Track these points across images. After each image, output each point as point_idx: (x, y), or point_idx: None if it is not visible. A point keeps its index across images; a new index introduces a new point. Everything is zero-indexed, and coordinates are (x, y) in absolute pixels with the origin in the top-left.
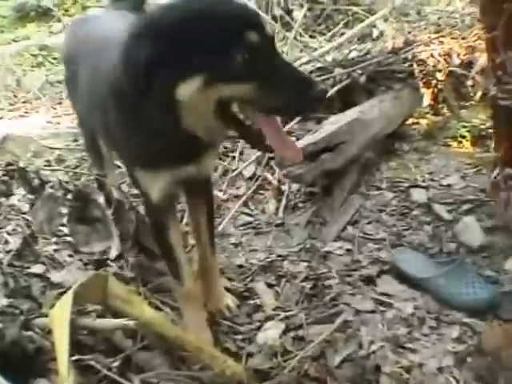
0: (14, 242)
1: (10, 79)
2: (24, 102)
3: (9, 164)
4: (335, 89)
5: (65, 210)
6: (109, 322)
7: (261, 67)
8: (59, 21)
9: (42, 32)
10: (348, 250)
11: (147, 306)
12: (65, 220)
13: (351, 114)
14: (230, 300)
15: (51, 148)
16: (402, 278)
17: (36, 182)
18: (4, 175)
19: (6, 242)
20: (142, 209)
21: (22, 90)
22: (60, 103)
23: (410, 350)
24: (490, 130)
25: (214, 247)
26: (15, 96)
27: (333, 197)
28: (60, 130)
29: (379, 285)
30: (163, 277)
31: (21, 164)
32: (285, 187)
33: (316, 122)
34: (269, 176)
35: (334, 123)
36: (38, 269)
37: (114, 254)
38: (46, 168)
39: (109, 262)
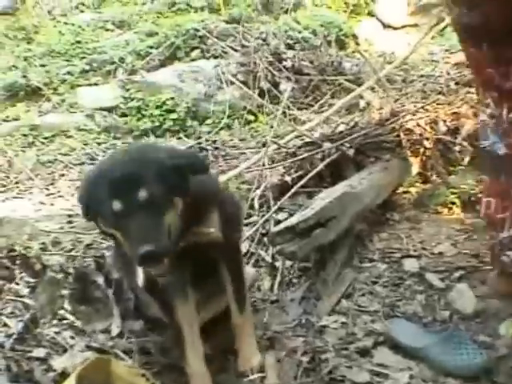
0: (16, 326)
1: (2, 160)
2: (16, 183)
3: (11, 250)
4: (324, 163)
5: (65, 292)
6: None
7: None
8: (48, 100)
9: (31, 111)
10: (343, 323)
11: None
12: (66, 302)
13: (341, 187)
14: (269, 369)
15: (46, 231)
16: (397, 348)
17: (37, 266)
18: (6, 261)
19: (6, 325)
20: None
21: (14, 171)
22: (52, 183)
23: None
24: (480, 195)
25: (242, 305)
26: (7, 177)
27: (326, 271)
28: (54, 212)
29: (375, 356)
30: (165, 358)
31: (18, 248)
32: (279, 264)
33: (307, 196)
34: (262, 253)
35: (324, 198)
36: (39, 353)
37: (115, 331)
38: (46, 253)
39: (110, 343)
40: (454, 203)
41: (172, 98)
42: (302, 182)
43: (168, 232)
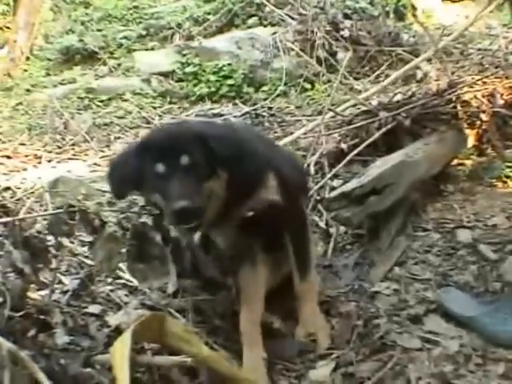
0: (71, 283)
1: (58, 122)
2: (72, 145)
3: (70, 206)
4: (380, 132)
5: (123, 250)
6: (167, 359)
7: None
8: (105, 64)
9: (88, 75)
10: (395, 290)
11: (204, 344)
12: (123, 259)
13: (397, 156)
14: (321, 330)
15: (102, 191)
16: (448, 316)
17: (96, 222)
18: (65, 216)
19: (61, 282)
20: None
21: (70, 133)
22: (108, 146)
23: None
24: None
25: (304, 272)
26: (63, 139)
27: (380, 239)
28: None
29: (426, 323)
30: (218, 317)
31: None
32: (333, 230)
33: (362, 164)
34: (317, 219)
35: (379, 166)
36: (95, 309)
37: (171, 289)
38: (105, 209)
39: (165, 301)
40: (508, 177)
41: (229, 65)
42: (357, 150)
43: (208, 198)
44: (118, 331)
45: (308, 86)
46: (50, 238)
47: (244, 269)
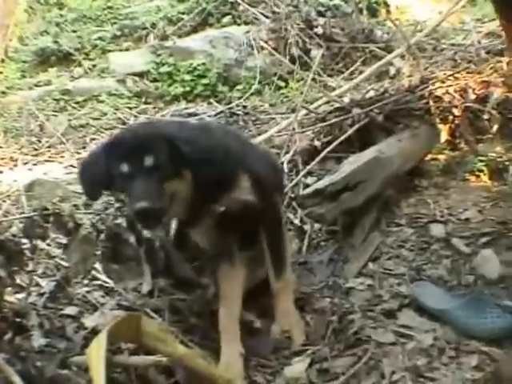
0: (48, 285)
1: (34, 124)
2: (48, 147)
3: (44, 209)
4: (353, 128)
5: (97, 251)
6: (143, 359)
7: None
8: (80, 65)
9: (63, 76)
10: (369, 286)
11: (179, 343)
12: (98, 261)
13: (370, 153)
14: (295, 327)
15: (78, 193)
16: (422, 310)
17: (70, 224)
18: (39, 219)
19: (38, 285)
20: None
21: (46, 135)
22: (84, 147)
23: (430, 380)
24: (507, 163)
25: (280, 271)
26: (39, 141)
27: (354, 235)
28: None
29: (400, 318)
30: (194, 316)
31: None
32: (307, 227)
33: (336, 161)
34: (291, 216)
35: (353, 163)
36: (71, 311)
37: (146, 289)
38: (79, 211)
39: (141, 301)
40: (481, 171)
41: (203, 64)
42: (330, 147)
43: (171, 198)
44: (94, 332)
45: (282, 83)
46: (25, 241)
47: (223, 267)
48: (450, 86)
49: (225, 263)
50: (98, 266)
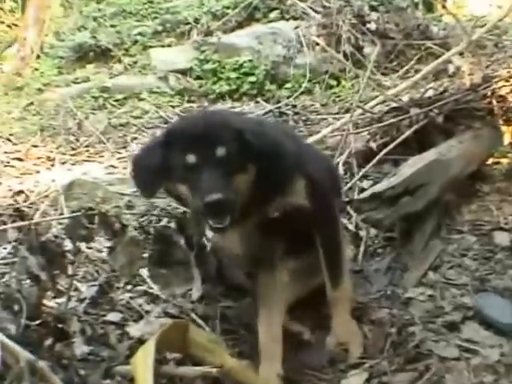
0: (88, 290)
1: (72, 123)
2: (87, 147)
3: (89, 209)
4: (412, 129)
5: (145, 254)
6: (191, 370)
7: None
8: (119, 61)
9: (101, 73)
10: (430, 296)
11: (228, 354)
12: (144, 265)
13: (429, 155)
14: (353, 339)
15: (120, 194)
16: (487, 323)
17: (117, 226)
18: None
19: (77, 290)
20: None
21: (84, 134)
22: (124, 147)
23: None
24: None
25: (336, 280)
26: (77, 140)
27: (413, 242)
28: (127, 176)
29: (463, 331)
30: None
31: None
32: (363, 233)
33: (393, 164)
34: (345, 222)
35: (411, 166)
36: (114, 317)
37: (195, 295)
38: (125, 212)
39: (189, 308)
40: None
41: (250, 61)
42: (387, 149)
43: (237, 193)
44: (139, 341)
45: (333, 82)
46: (66, 243)
47: (262, 275)
48: None
49: (264, 271)
50: (142, 271)
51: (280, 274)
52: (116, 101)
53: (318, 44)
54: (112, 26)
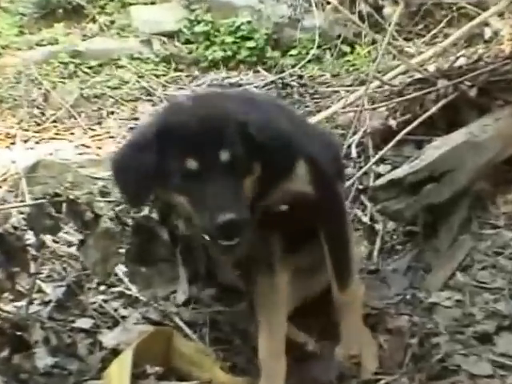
0: (55, 291)
1: (36, 93)
2: (54, 122)
3: (55, 195)
4: (439, 105)
5: (122, 249)
6: None
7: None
8: (94, 21)
9: (72, 35)
10: (458, 302)
11: (219, 368)
12: (120, 262)
13: (459, 135)
14: (366, 350)
15: (93, 178)
16: None
17: (88, 215)
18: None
19: (41, 291)
20: None
21: (51, 107)
22: (99, 123)
23: None
24: None
25: (345, 281)
26: (43, 114)
27: (438, 237)
28: (101, 157)
29: (497, 343)
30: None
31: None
32: (379, 226)
33: (415, 146)
34: (359, 213)
35: (438, 147)
36: (84, 323)
37: (181, 298)
38: (100, 199)
39: (173, 313)
40: None
41: (249, 22)
42: (409, 128)
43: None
44: (114, 352)
45: (347, 49)
46: (28, 235)
47: (261, 278)
48: None
49: (262, 273)
50: (118, 268)
51: (280, 275)
52: (89, 68)
53: (329, 3)
54: None
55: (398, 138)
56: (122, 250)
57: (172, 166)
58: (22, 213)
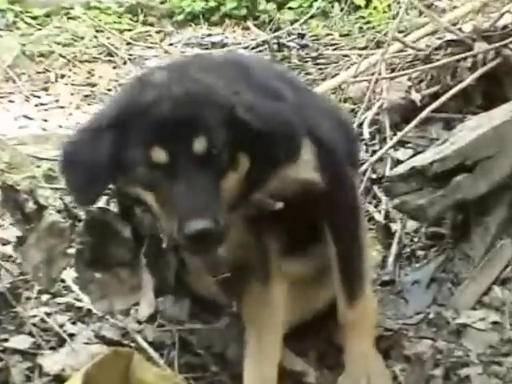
0: None
1: None
2: None
3: None
4: (475, 74)
5: (71, 249)
6: None
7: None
8: None
9: None
10: (495, 324)
11: None
12: (69, 265)
13: (501, 113)
14: (377, 381)
15: (37, 158)
16: None
17: (30, 205)
18: None
19: None
20: None
21: None
22: (45, 89)
23: None
24: None
25: (355, 294)
26: None
27: (471, 241)
28: (48, 131)
29: None
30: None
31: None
32: (396, 226)
33: (444, 125)
34: (371, 209)
35: (473, 128)
36: (20, 342)
37: (144, 313)
38: (44, 186)
39: (134, 331)
40: None
41: None
42: (437, 103)
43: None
44: (58, 379)
45: (361, 1)
46: None
47: (250, 288)
48: None
49: (253, 282)
50: (66, 274)
51: (276, 283)
52: (34, 18)
53: None
54: None
55: (422, 115)
56: (72, 251)
57: (135, 157)
58: None
